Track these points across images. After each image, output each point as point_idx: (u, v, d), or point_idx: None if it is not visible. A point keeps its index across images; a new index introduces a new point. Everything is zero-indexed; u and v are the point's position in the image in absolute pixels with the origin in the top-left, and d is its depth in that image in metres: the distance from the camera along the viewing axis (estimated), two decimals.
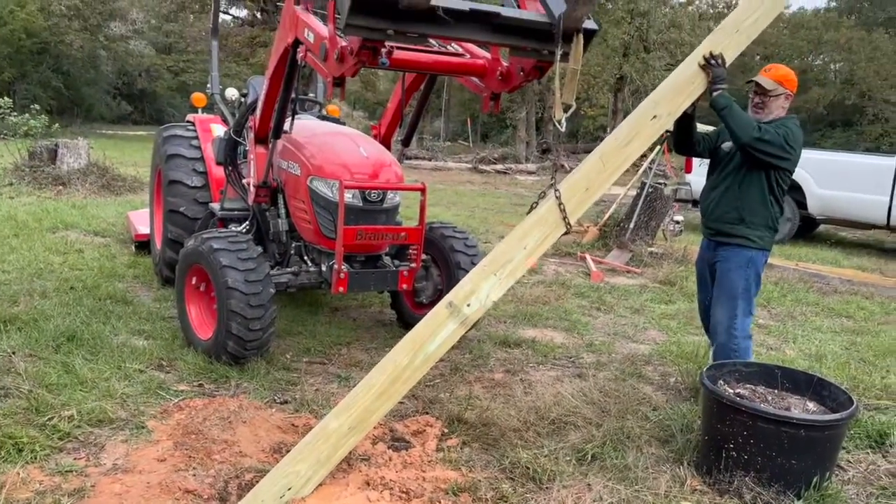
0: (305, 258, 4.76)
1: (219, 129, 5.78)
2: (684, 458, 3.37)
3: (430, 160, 24.17)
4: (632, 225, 8.86)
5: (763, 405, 3.22)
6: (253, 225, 4.93)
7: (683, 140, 4.07)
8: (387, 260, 4.72)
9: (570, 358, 4.93)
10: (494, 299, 3.14)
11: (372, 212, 4.37)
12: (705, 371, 3.41)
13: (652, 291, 7.13)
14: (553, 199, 3.17)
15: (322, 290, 5.43)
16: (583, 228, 9.58)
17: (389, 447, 3.38)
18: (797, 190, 11.03)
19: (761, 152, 3.68)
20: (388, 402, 3.00)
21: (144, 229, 6.89)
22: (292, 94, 4.33)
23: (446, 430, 3.58)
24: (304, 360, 4.52)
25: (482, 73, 3.79)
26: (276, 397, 3.90)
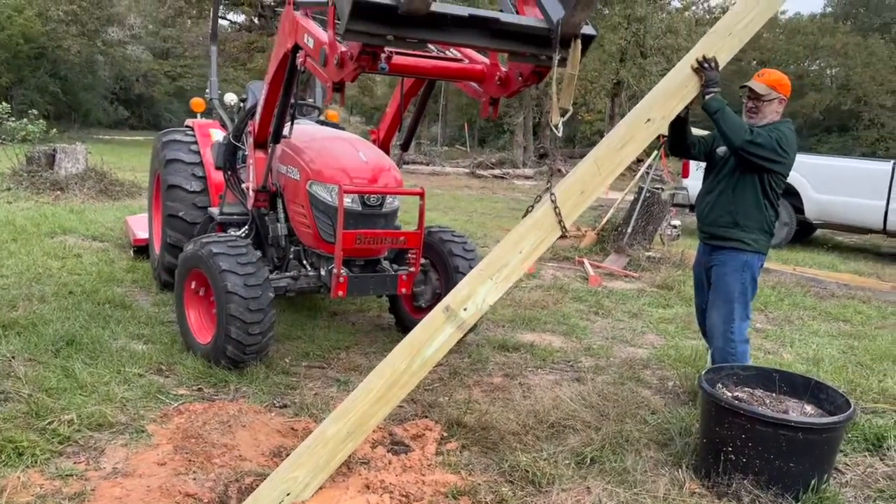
0: (304, 262, 4.76)
1: (218, 134, 5.79)
2: (683, 461, 3.39)
3: (427, 165, 24.26)
4: (629, 229, 8.88)
5: (761, 408, 3.23)
6: (252, 229, 4.94)
7: (678, 142, 4.10)
8: (386, 264, 4.72)
9: (569, 362, 4.94)
10: (491, 303, 3.14)
11: (371, 216, 4.39)
12: (703, 374, 3.42)
13: (650, 296, 7.14)
14: (549, 203, 3.17)
15: (321, 295, 5.44)
16: (581, 233, 9.59)
17: (389, 451, 3.38)
18: (794, 195, 11.07)
19: (753, 155, 3.69)
20: (386, 406, 3.00)
21: (143, 234, 6.89)
22: (291, 99, 4.35)
23: (445, 434, 3.59)
24: (304, 365, 4.52)
25: (481, 78, 3.82)
26: (275, 401, 3.91)
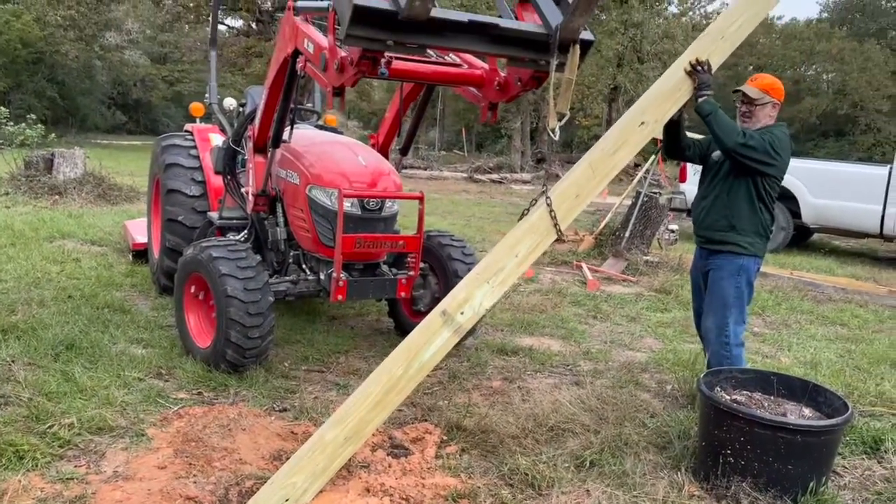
0: (304, 266, 4.77)
1: (217, 139, 5.81)
2: (682, 464, 3.40)
3: (425, 169, 24.33)
4: (627, 234, 8.90)
5: (760, 411, 3.24)
6: (251, 234, 4.95)
7: (673, 145, 4.12)
8: (385, 268, 4.74)
9: (568, 366, 4.96)
10: (487, 307, 3.14)
11: (370, 220, 4.40)
12: (702, 378, 3.43)
13: (648, 300, 7.16)
14: (544, 207, 3.17)
15: (320, 299, 5.45)
16: (579, 237, 9.62)
17: (389, 454, 3.39)
18: (791, 199, 11.11)
19: (746, 158, 3.71)
20: (384, 412, 2.99)
21: (142, 238, 6.90)
22: (291, 104, 4.37)
23: (445, 438, 3.59)
24: (303, 369, 4.53)
25: (480, 83, 3.83)
26: (275, 405, 3.91)
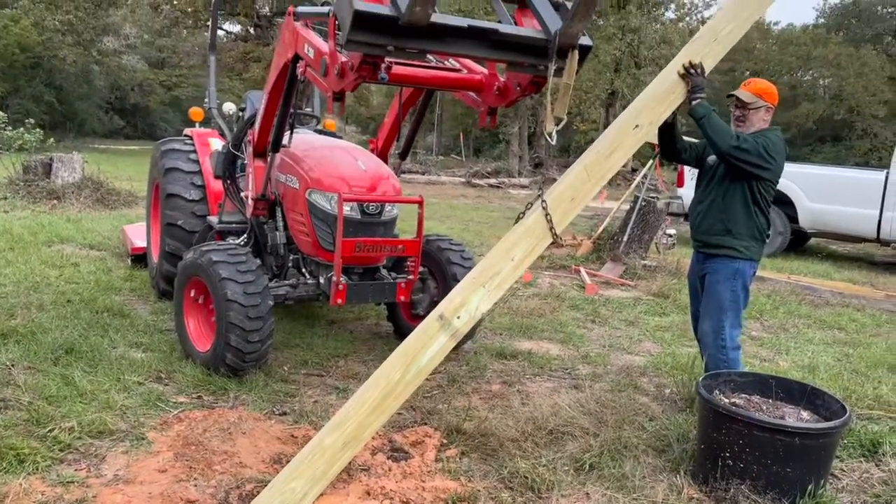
0: (303, 270, 4.78)
1: (217, 143, 5.82)
2: (681, 467, 3.41)
3: (423, 174, 24.36)
4: (625, 238, 8.93)
5: (758, 414, 3.26)
6: (251, 238, 4.96)
7: (669, 147, 4.15)
8: (384, 272, 4.75)
9: (567, 369, 4.97)
10: (484, 311, 3.15)
11: (370, 224, 4.41)
12: (701, 381, 3.45)
13: (646, 304, 7.18)
14: (540, 210, 3.17)
15: (319, 303, 5.46)
16: (577, 242, 9.64)
17: (389, 458, 3.40)
18: (788, 204, 11.15)
19: (740, 160, 3.73)
20: (382, 416, 2.99)
21: (141, 243, 6.90)
22: (291, 109, 4.38)
23: (445, 441, 3.60)
24: (302, 373, 4.54)
25: (479, 88, 3.86)
26: (274, 409, 3.92)
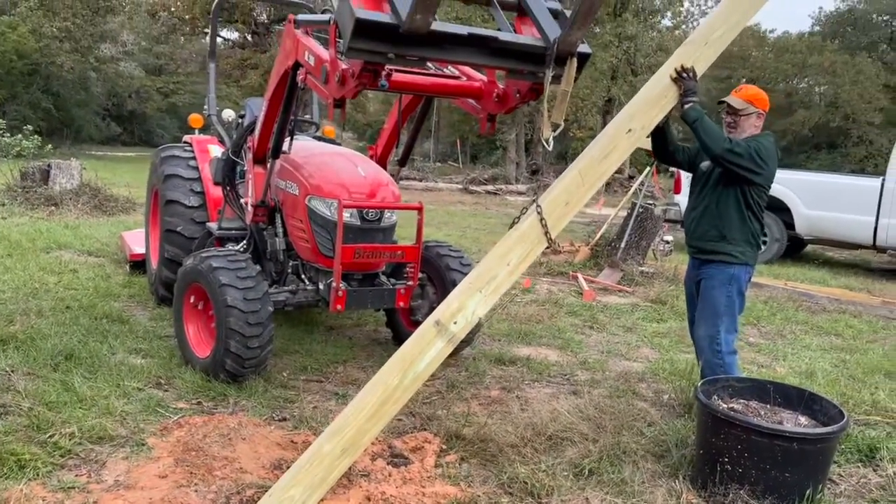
0: (303, 276, 4.79)
1: (216, 150, 5.84)
2: (680, 472, 3.42)
3: (420, 181, 24.40)
4: (623, 245, 8.95)
5: (756, 419, 3.28)
6: (250, 244, 4.97)
7: (661, 149, 4.19)
8: (383, 278, 4.76)
9: (565, 375, 4.98)
10: (480, 315, 3.17)
11: (370, 230, 4.43)
12: (700, 386, 3.47)
13: (643, 310, 7.20)
14: (535, 215, 3.17)
15: (318, 309, 5.47)
16: (574, 248, 9.66)
17: (389, 463, 3.40)
18: (785, 210, 11.20)
19: (733, 164, 3.76)
20: (380, 422, 2.99)
21: (140, 249, 6.91)
22: (291, 116, 4.41)
23: (444, 447, 3.61)
24: (302, 378, 4.54)
25: (479, 95, 3.88)
26: (274, 414, 3.92)
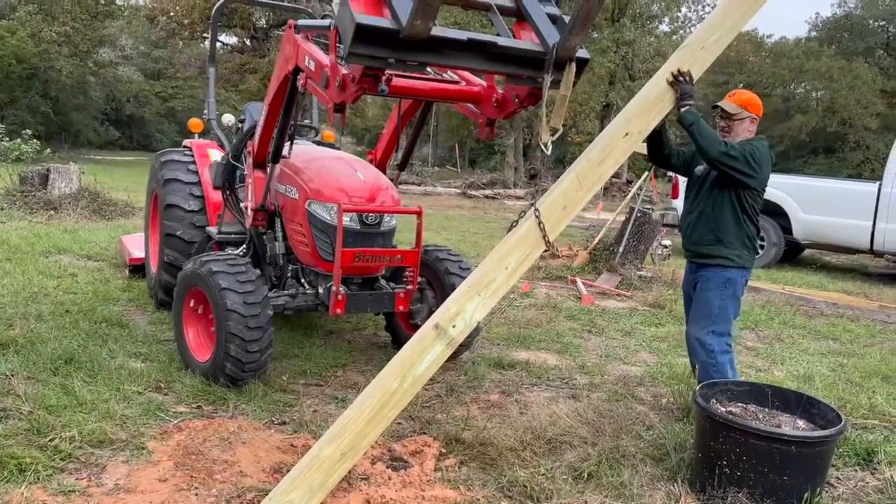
0: (302, 281, 4.80)
1: (216, 154, 5.85)
2: (678, 475, 3.44)
3: (419, 185, 24.44)
4: (621, 249, 8.97)
5: (755, 423, 3.29)
6: (250, 248, 4.98)
7: (657, 153, 4.21)
8: (383, 282, 4.77)
9: (564, 379, 4.99)
10: (479, 319, 3.17)
11: (369, 235, 4.44)
12: (698, 390, 3.48)
13: (642, 314, 7.22)
14: (533, 219, 3.17)
15: (317, 313, 5.48)
16: (573, 252, 9.68)
17: (388, 467, 3.41)
18: (782, 215, 11.23)
19: (728, 167, 3.79)
20: (379, 426, 2.99)
21: (139, 253, 6.91)
22: (291, 120, 4.42)
23: (444, 450, 3.62)
24: (301, 382, 4.55)
25: (478, 99, 3.91)
26: (274, 418, 3.93)
